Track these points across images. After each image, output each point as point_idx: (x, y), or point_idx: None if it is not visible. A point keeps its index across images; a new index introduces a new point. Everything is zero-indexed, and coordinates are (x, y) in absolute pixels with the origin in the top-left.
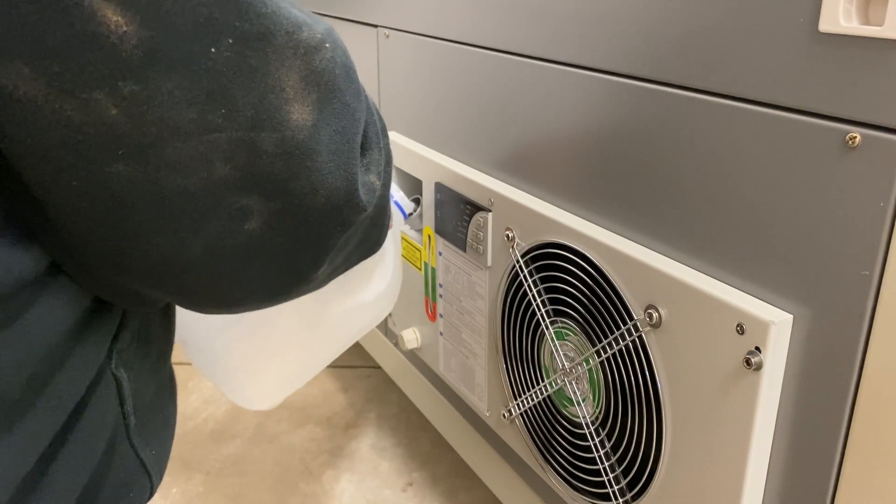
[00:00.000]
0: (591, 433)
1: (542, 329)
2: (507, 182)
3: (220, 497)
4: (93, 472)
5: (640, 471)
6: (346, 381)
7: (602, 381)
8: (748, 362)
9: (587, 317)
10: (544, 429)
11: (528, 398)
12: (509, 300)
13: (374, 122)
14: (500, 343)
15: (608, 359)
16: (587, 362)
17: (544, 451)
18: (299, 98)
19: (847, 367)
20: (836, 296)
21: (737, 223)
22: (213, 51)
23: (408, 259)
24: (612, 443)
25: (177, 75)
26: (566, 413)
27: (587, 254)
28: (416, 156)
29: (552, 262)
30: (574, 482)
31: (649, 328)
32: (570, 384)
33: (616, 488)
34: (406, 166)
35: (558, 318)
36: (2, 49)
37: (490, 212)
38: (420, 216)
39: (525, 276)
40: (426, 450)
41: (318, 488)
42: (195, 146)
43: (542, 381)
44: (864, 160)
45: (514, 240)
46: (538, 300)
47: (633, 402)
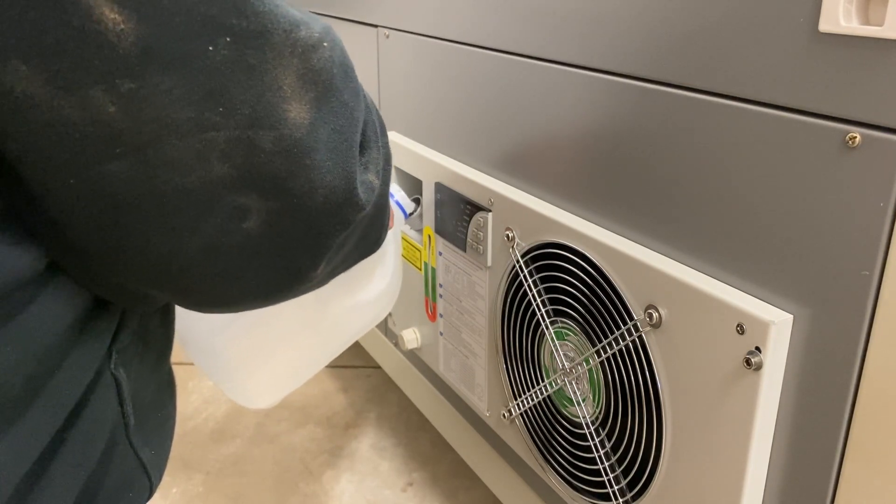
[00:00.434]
0: (591, 433)
1: (542, 329)
2: (507, 182)
3: (220, 497)
4: (92, 471)
5: (640, 471)
6: (346, 381)
7: (602, 381)
8: (748, 362)
9: (587, 317)
10: (544, 429)
11: (528, 398)
12: (509, 300)
13: (373, 121)
14: (500, 343)
15: (608, 359)
16: (587, 362)
17: (544, 451)
18: (297, 96)
19: (847, 367)
20: (836, 296)
21: (737, 223)
22: (210, 49)
23: (408, 259)
24: (612, 443)
25: (174, 73)
26: (566, 413)
27: (587, 254)
28: (416, 156)
29: (552, 262)
30: (574, 482)
31: (649, 328)
32: (570, 384)
33: (616, 488)
34: (406, 166)
35: (558, 318)
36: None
37: (490, 212)
38: (420, 216)
39: (525, 276)
40: (426, 450)
41: (318, 488)
42: (193, 144)
43: (542, 381)
44: (864, 160)
45: (514, 240)
46: (538, 300)
47: (633, 402)
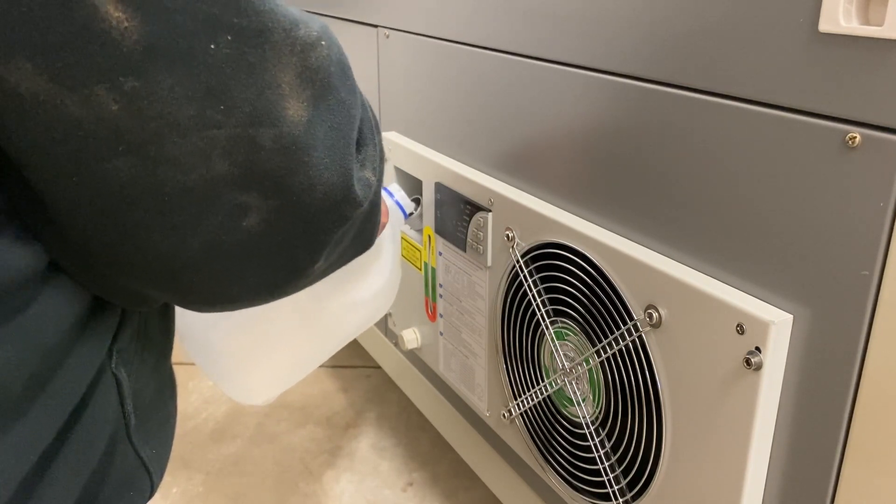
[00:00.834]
0: (591, 433)
1: (542, 329)
2: (507, 182)
3: (220, 497)
4: (93, 470)
5: (640, 471)
6: (346, 381)
7: (602, 381)
8: (748, 362)
9: (587, 317)
10: (544, 429)
11: (528, 398)
12: (509, 300)
13: (369, 118)
14: (500, 343)
15: (608, 359)
16: (587, 362)
17: (544, 451)
18: (294, 94)
19: (847, 367)
20: (836, 296)
21: (737, 223)
22: (212, 47)
23: (408, 259)
24: (612, 443)
25: (177, 71)
26: (566, 413)
27: (587, 254)
28: (416, 156)
29: (552, 262)
30: (574, 482)
31: (649, 328)
32: (570, 384)
33: (616, 488)
34: (406, 166)
35: (558, 318)
36: (4, 45)
37: (490, 212)
38: (420, 216)
39: (525, 276)
40: (426, 450)
41: (318, 488)
42: (194, 142)
43: (542, 381)
44: (864, 160)
45: (514, 240)
46: (538, 300)
47: (633, 402)
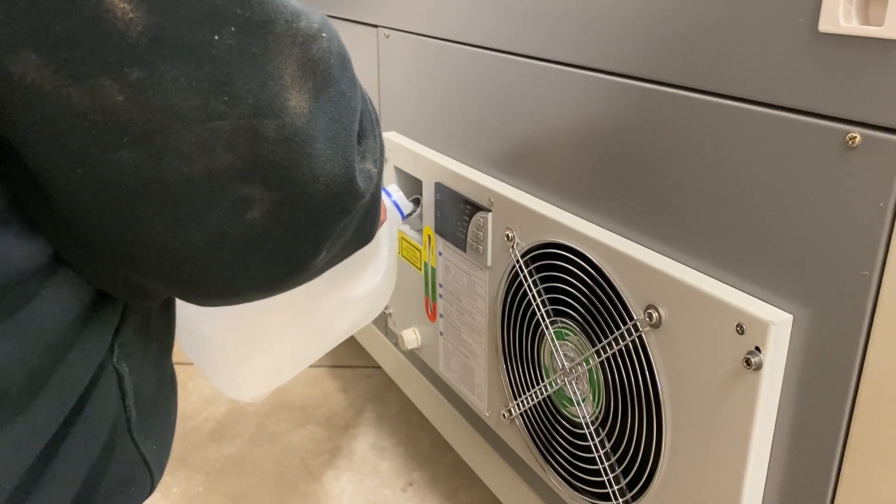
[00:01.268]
0: (591, 433)
1: (542, 329)
2: (506, 182)
3: (220, 497)
4: (93, 465)
5: (640, 471)
6: (346, 381)
7: (602, 381)
8: (748, 362)
9: (587, 317)
10: (544, 429)
11: (528, 398)
12: (509, 300)
13: (369, 110)
14: (500, 343)
15: (608, 359)
16: (587, 362)
17: (544, 451)
18: (296, 86)
19: (847, 367)
20: (836, 296)
21: (737, 223)
22: (216, 38)
23: (408, 259)
24: (612, 443)
25: (181, 62)
26: (566, 413)
27: (587, 254)
28: (416, 156)
29: (552, 262)
30: (574, 482)
31: (649, 328)
32: (570, 384)
33: (616, 488)
34: (406, 166)
35: (558, 318)
36: (10, 37)
37: (490, 212)
38: (420, 216)
39: (525, 276)
40: (426, 450)
41: (318, 488)
42: (199, 133)
43: (542, 381)
44: (864, 160)
45: (513, 240)
46: (538, 300)
47: (633, 402)
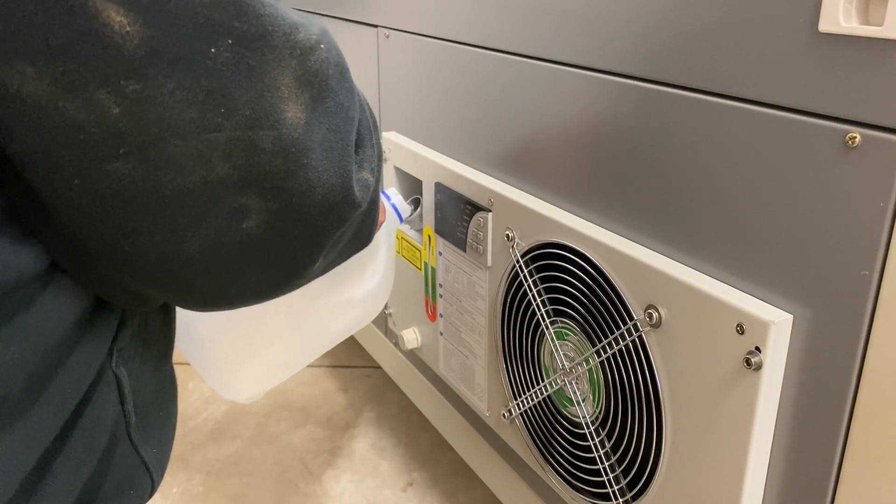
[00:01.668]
0: (591, 433)
1: (542, 329)
2: (506, 182)
3: (220, 497)
4: (93, 469)
5: (640, 471)
6: (346, 381)
7: (602, 381)
8: (748, 362)
9: (587, 317)
10: (544, 429)
11: (528, 398)
12: (509, 300)
13: (367, 118)
14: (500, 343)
15: (608, 359)
16: (587, 362)
17: (544, 451)
18: (293, 97)
19: (847, 367)
20: (836, 296)
21: (736, 223)
22: (212, 51)
23: (408, 259)
24: (612, 443)
25: (177, 75)
26: (566, 413)
27: (587, 254)
28: (416, 156)
29: (552, 262)
30: (574, 482)
31: (649, 328)
32: (570, 384)
33: (616, 488)
34: (406, 166)
35: (558, 318)
36: (6, 49)
37: (490, 212)
38: (420, 216)
39: (525, 276)
40: (426, 450)
41: (318, 488)
42: (195, 145)
43: (542, 381)
44: (864, 160)
45: (514, 240)
46: (538, 300)
47: (633, 402)
